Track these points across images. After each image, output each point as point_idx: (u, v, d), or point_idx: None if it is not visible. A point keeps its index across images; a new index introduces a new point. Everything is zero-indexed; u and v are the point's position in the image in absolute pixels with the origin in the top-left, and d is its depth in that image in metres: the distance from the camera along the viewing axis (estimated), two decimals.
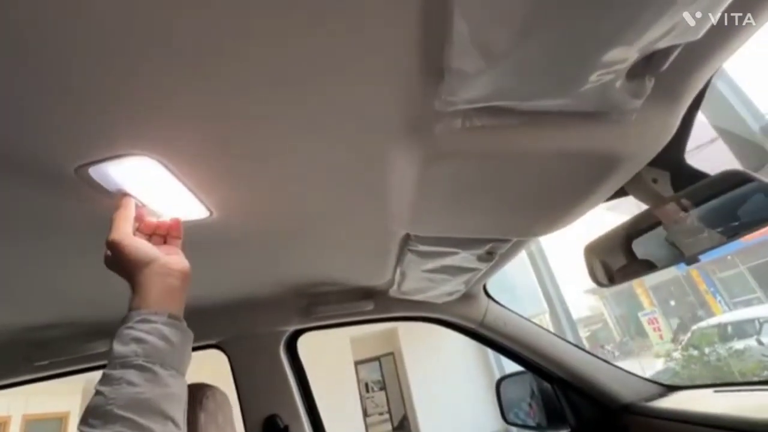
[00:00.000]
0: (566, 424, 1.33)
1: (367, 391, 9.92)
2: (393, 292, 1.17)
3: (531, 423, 1.47)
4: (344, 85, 0.42)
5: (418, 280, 1.04)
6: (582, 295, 16.53)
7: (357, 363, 7.87)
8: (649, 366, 6.78)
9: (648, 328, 11.83)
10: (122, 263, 0.51)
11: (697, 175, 0.58)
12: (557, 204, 0.62)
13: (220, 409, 0.80)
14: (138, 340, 0.46)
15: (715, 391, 1.08)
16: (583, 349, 1.32)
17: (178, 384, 0.47)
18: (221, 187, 0.59)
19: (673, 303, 13.52)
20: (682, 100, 0.44)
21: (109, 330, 0.48)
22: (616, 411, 1.22)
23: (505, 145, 0.48)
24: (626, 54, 0.33)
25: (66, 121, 0.41)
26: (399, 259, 0.93)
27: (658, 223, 0.73)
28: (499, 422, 6.75)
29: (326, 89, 0.42)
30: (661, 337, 11.02)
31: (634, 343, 12.63)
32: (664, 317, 12.75)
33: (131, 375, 0.43)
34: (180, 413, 0.46)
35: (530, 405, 1.50)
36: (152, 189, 0.56)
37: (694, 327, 7.21)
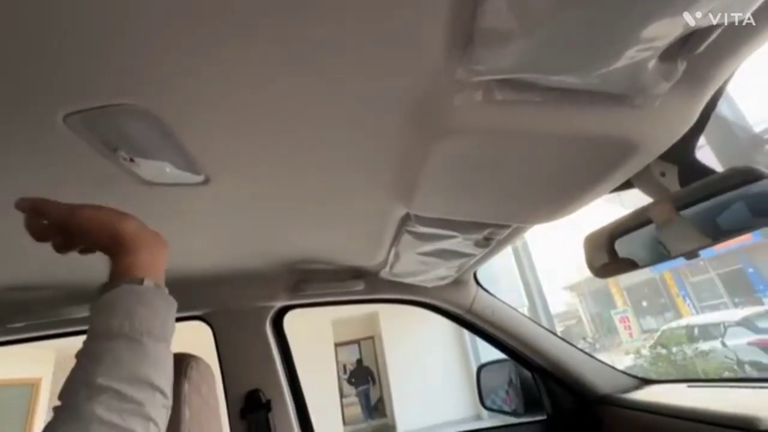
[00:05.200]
0: (542, 411, 1.36)
1: (345, 372, 10.08)
2: (384, 273, 1.16)
3: (507, 409, 1.51)
4: (360, 48, 0.39)
5: (412, 262, 1.03)
6: (560, 291, 17.07)
7: (337, 345, 7.94)
8: (618, 361, 7.05)
9: (619, 326, 12.38)
10: (95, 231, 0.47)
11: (705, 171, 0.58)
12: (565, 190, 0.61)
13: (203, 379, 0.78)
14: (123, 310, 0.43)
15: (689, 386, 1.12)
16: (565, 340, 1.34)
17: (164, 353, 0.45)
18: (218, 151, 0.56)
19: (645, 303, 14.07)
20: (706, 89, 0.44)
21: (90, 294, 0.45)
22: (592, 401, 1.26)
23: (522, 124, 0.46)
24: (670, 28, 0.31)
25: (56, 65, 0.38)
26: (395, 240, 0.92)
27: (643, 224, 0.73)
28: (471, 408, 6.99)
29: (341, 51, 0.39)
30: (631, 335, 11.52)
31: (605, 339, 13.15)
32: (636, 317, 13.31)
33: (116, 346, 0.41)
34: (167, 383, 0.44)
35: (507, 392, 1.54)
36: (146, 146, 0.53)
37: (664, 327, 7.52)
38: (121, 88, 0.42)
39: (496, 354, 1.50)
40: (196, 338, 1.38)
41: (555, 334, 1.36)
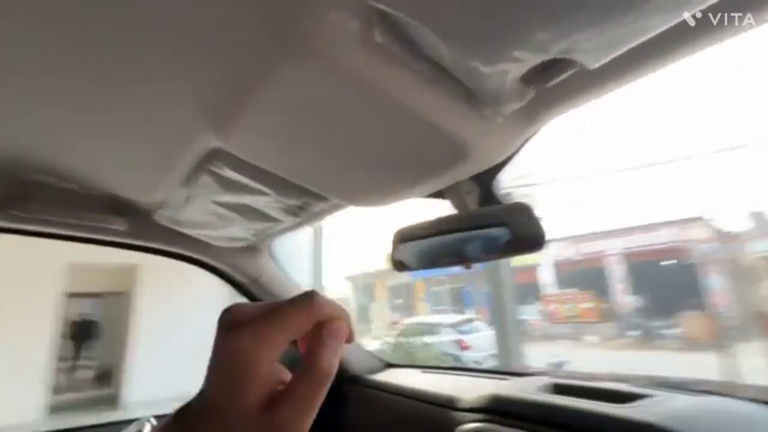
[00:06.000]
0: None
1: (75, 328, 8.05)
2: (160, 216, 0.91)
3: None
4: None
5: (204, 212, 0.84)
6: (340, 281, 19.03)
7: (72, 295, 6.20)
8: (367, 346, 8.31)
9: (375, 317, 14.86)
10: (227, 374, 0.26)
11: (496, 200, 0.69)
12: (392, 177, 0.59)
13: None
14: None
15: (423, 372, 1.36)
16: None
17: None
18: None
19: (398, 301, 17.36)
20: (536, 123, 0.49)
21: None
22: (343, 380, 1.36)
23: (383, 82, 0.41)
24: (551, 45, 0.32)
25: None
26: (190, 178, 0.72)
27: (422, 237, 0.81)
28: None
29: None
30: (381, 326, 13.97)
31: (363, 327, 15.45)
32: (390, 311, 16.35)
33: None
34: None
35: None
36: None
37: (406, 321, 9.42)
38: None
39: None
40: None
41: None
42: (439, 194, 0.74)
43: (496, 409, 0.85)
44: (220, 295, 6.57)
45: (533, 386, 0.94)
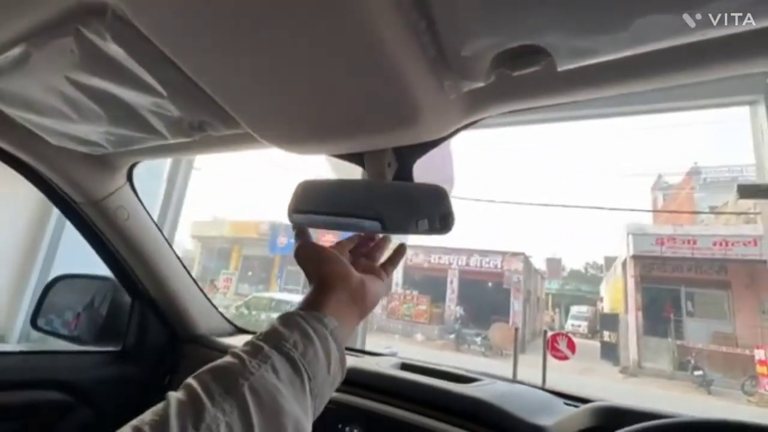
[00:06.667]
0: (119, 343, 1.18)
1: None
2: None
3: (64, 332, 1.23)
4: None
5: (50, 90, 0.61)
6: (187, 238, 17.21)
7: None
8: None
9: (221, 283, 14.09)
10: (315, 261, 0.55)
11: (409, 179, 0.69)
12: (327, 118, 0.53)
13: None
14: (306, 337, 0.42)
15: None
16: (191, 276, 1.25)
17: (307, 416, 0.38)
18: None
19: (250, 273, 16.56)
20: (479, 112, 0.51)
21: None
22: (184, 339, 1.21)
23: (371, 6, 0.36)
24: (533, 32, 0.33)
25: None
26: (43, 32, 0.51)
27: (328, 195, 0.77)
28: None
29: None
30: (225, 294, 13.29)
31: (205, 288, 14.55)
32: (239, 281, 15.56)
33: (279, 362, 0.39)
34: None
35: (78, 315, 1.26)
36: None
37: (255, 294, 9.07)
38: None
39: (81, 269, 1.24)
40: None
41: (184, 266, 1.23)
42: (358, 158, 0.71)
43: (351, 380, 0.87)
44: (12, 224, 5.14)
45: (385, 363, 1.00)
